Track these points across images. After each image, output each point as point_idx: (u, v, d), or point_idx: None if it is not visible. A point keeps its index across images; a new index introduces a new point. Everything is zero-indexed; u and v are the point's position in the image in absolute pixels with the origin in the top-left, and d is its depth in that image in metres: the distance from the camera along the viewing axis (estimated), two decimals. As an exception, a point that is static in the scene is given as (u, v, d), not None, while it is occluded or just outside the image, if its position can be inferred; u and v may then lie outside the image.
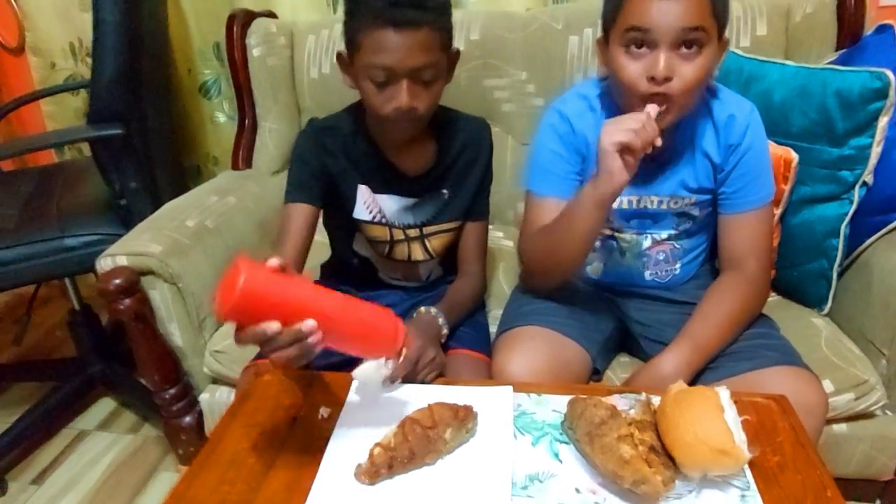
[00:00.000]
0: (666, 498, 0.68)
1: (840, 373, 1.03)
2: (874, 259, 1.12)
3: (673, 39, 0.85)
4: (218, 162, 1.96)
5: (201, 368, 1.22)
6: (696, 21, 0.84)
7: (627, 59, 0.89)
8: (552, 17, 1.45)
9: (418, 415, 0.76)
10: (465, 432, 0.76)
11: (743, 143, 0.98)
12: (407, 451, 0.72)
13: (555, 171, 1.03)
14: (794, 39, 1.37)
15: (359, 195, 1.05)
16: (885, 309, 1.07)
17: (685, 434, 0.67)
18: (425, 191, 1.07)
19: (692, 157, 1.00)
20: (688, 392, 0.72)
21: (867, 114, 1.06)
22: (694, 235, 1.08)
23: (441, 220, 1.09)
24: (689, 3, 0.84)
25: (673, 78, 0.86)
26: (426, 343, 0.90)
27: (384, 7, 0.86)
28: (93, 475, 1.52)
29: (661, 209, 1.04)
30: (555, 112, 1.05)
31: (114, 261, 1.12)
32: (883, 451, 1.09)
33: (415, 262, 1.12)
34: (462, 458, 0.75)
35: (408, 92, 0.90)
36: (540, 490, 0.71)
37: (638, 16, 0.86)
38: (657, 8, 0.84)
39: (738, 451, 0.66)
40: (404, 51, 0.87)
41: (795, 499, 0.68)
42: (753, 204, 1.00)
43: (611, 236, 1.08)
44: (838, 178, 1.12)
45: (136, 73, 1.29)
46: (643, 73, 0.87)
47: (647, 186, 1.02)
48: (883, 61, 1.12)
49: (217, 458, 0.78)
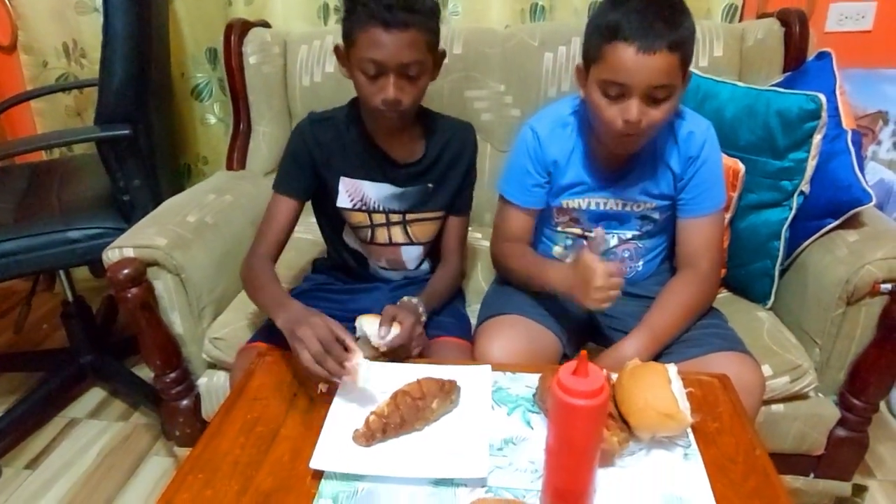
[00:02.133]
0: (621, 455, 0.79)
1: (778, 358, 1.15)
2: (809, 259, 1.25)
3: (644, 93, 0.96)
4: (208, 161, 2.03)
5: (199, 354, 1.29)
6: (664, 80, 0.96)
7: (605, 102, 0.99)
8: (529, 35, 1.56)
9: (408, 387, 0.86)
10: (449, 403, 0.87)
11: (700, 156, 1.11)
12: (398, 419, 0.83)
13: (522, 183, 1.17)
14: (747, 61, 1.51)
15: (341, 185, 1.16)
16: (818, 303, 1.19)
17: (637, 401, 0.78)
18: (411, 181, 1.17)
19: (655, 167, 1.12)
20: (641, 367, 0.84)
21: (804, 131, 1.18)
22: (654, 236, 1.20)
23: (424, 210, 1.19)
24: (659, 64, 0.94)
25: (643, 119, 0.98)
26: (416, 321, 1.02)
27: (378, 8, 0.96)
28: (85, 460, 1.57)
29: (626, 211, 1.16)
30: (529, 129, 1.16)
31: (121, 252, 1.19)
32: (815, 428, 1.22)
33: (396, 245, 1.22)
34: (448, 426, 0.86)
35: (395, 85, 1.00)
36: (514, 451, 0.82)
37: (614, 72, 0.96)
38: (632, 68, 0.94)
39: (682, 415, 0.78)
40: (394, 48, 0.98)
41: (729, 456, 0.80)
42: (707, 210, 1.13)
43: (581, 235, 1.20)
44: (779, 187, 1.24)
45: (143, 79, 1.36)
46: (618, 116, 0.98)
47: (615, 192, 1.14)
48: (822, 84, 1.25)
49: (228, 427, 0.87)
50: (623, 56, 0.94)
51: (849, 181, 1.21)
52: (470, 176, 1.22)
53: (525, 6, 1.73)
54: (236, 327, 1.25)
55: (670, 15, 0.95)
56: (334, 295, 1.23)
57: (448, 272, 1.23)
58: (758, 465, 0.79)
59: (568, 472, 0.71)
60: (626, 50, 0.94)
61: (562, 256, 1.23)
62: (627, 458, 0.79)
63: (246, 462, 0.81)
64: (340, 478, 0.78)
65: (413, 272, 1.27)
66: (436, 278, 1.21)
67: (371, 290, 1.24)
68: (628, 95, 0.96)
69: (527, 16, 1.74)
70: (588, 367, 0.66)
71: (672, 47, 0.94)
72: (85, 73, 1.94)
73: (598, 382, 0.65)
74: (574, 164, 1.14)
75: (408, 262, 1.25)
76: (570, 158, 1.14)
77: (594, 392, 0.65)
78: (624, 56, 0.94)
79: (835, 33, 1.70)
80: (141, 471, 1.54)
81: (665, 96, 0.97)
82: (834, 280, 1.16)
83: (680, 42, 0.95)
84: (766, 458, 0.80)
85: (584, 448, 0.69)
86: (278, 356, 1.01)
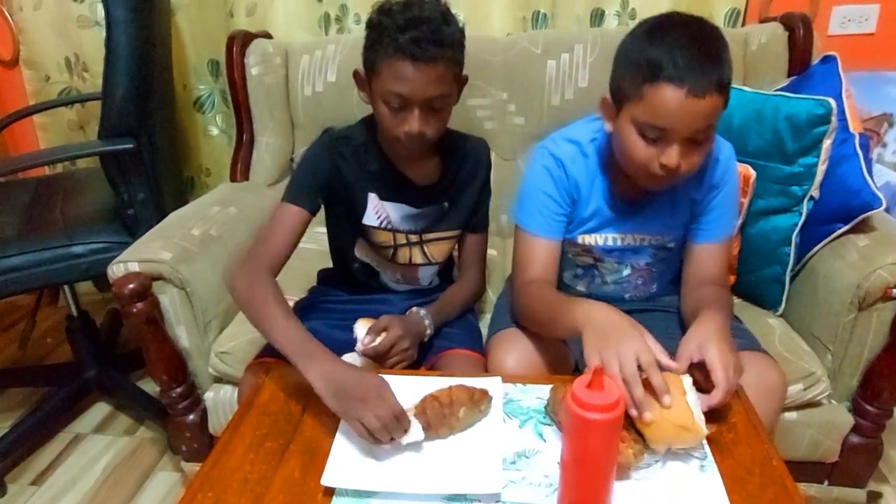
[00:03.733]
0: (637, 468, 0.78)
1: (791, 366, 1.14)
2: (819, 265, 1.24)
3: (686, 137, 0.89)
4: (210, 173, 2.03)
5: (206, 369, 1.28)
6: (709, 122, 0.88)
7: (640, 142, 0.91)
8: (531, 42, 1.55)
9: (438, 393, 0.85)
10: (478, 412, 0.86)
11: (721, 183, 1.05)
12: (424, 422, 0.82)
13: (545, 213, 1.07)
14: (751, 66, 1.51)
15: (369, 202, 1.12)
16: (829, 309, 1.18)
17: (652, 413, 0.77)
18: (428, 201, 1.15)
19: (675, 200, 1.06)
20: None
21: (813, 136, 1.18)
22: (669, 260, 1.15)
23: (439, 229, 1.17)
24: (707, 108, 0.86)
25: (682, 163, 0.90)
26: (405, 335, 1.01)
27: (406, 43, 0.92)
28: (91, 476, 1.56)
29: (642, 245, 1.10)
30: (549, 154, 1.07)
31: (126, 267, 1.18)
32: (828, 435, 1.20)
33: (415, 265, 1.20)
34: (460, 440, 0.85)
35: (419, 119, 0.97)
36: (527, 465, 0.81)
37: (656, 115, 0.87)
38: (678, 112, 0.86)
39: (698, 427, 0.77)
40: (421, 83, 0.94)
41: (746, 467, 0.79)
42: (720, 236, 1.07)
43: (593, 265, 1.15)
44: (789, 193, 1.23)
45: (146, 92, 1.36)
46: (654, 159, 0.90)
47: (633, 227, 1.08)
48: (827, 88, 1.24)
49: (237, 444, 0.85)
50: (669, 99, 0.85)
51: (858, 185, 1.20)
52: (485, 193, 1.20)
53: (527, 14, 1.73)
54: (242, 340, 1.24)
55: (716, 51, 0.86)
56: (341, 305, 1.22)
57: (465, 287, 1.21)
58: (775, 476, 0.78)
59: (584, 487, 0.70)
60: (674, 93, 0.85)
61: (573, 285, 1.19)
62: (643, 471, 0.78)
63: (256, 479, 0.80)
64: (352, 494, 0.77)
65: (425, 287, 1.26)
66: (451, 291, 1.20)
67: (380, 301, 1.22)
68: (668, 140, 0.89)
69: (528, 24, 1.74)
70: (603, 381, 0.65)
71: (720, 88, 0.86)
72: (87, 87, 1.95)
73: (614, 396, 0.64)
74: (595, 196, 1.07)
75: (423, 279, 1.24)
76: (591, 189, 1.07)
77: (610, 406, 0.64)
78: (670, 99, 0.85)
79: (838, 36, 1.70)
80: (147, 486, 1.53)
81: (705, 138, 0.91)
82: (845, 285, 1.14)
83: (727, 80, 0.87)
84: (783, 468, 0.79)
85: (600, 462, 0.68)
86: (286, 371, 1.00)
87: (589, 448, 0.67)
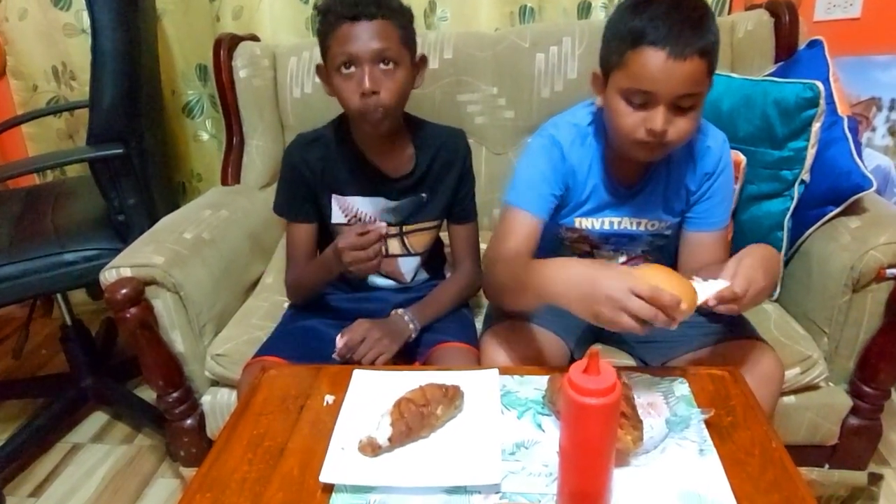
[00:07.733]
0: (636, 454, 0.78)
1: (787, 350, 1.14)
2: (813, 248, 1.24)
3: (671, 101, 0.90)
4: (202, 178, 2.02)
5: (202, 372, 1.27)
6: (693, 88, 0.90)
7: (627, 109, 0.93)
8: (519, 36, 1.55)
9: (411, 394, 0.84)
10: (454, 408, 0.86)
11: (716, 172, 1.07)
12: (404, 427, 0.81)
13: (537, 189, 1.06)
14: (738, 52, 1.51)
15: (334, 202, 1.16)
16: (824, 292, 1.18)
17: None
18: (405, 193, 1.16)
19: (670, 185, 1.08)
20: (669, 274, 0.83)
21: (802, 120, 1.18)
22: (665, 249, 1.17)
23: (419, 220, 1.19)
24: (689, 71, 0.88)
25: (668, 130, 0.92)
26: (373, 327, 1.04)
27: (345, 7, 1.00)
28: (90, 485, 1.55)
29: (639, 230, 1.12)
30: (548, 136, 1.08)
31: (118, 272, 1.17)
32: (827, 418, 1.20)
33: (393, 257, 1.21)
34: (458, 432, 0.84)
35: (370, 75, 1.00)
36: (526, 455, 0.81)
37: (639, 79, 0.90)
38: (660, 74, 0.88)
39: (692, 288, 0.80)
40: (364, 37, 1.00)
41: (745, 450, 0.79)
42: (715, 225, 1.09)
43: (588, 252, 1.16)
44: (780, 177, 1.24)
45: (134, 97, 1.35)
46: (641, 124, 0.92)
47: (630, 211, 1.10)
48: (815, 72, 1.25)
49: (234, 444, 0.85)
50: (651, 62, 0.88)
51: (848, 167, 1.20)
52: (465, 182, 1.21)
53: (514, 8, 1.72)
54: (238, 343, 1.24)
55: (698, 19, 0.89)
56: (335, 304, 1.22)
57: (458, 280, 1.22)
58: (775, 458, 0.78)
59: (583, 474, 0.70)
60: (654, 55, 0.88)
61: None
62: (642, 457, 0.78)
63: (255, 478, 0.79)
64: (351, 490, 0.76)
65: (410, 283, 1.26)
66: (440, 287, 1.20)
67: (373, 299, 1.22)
68: (654, 104, 0.91)
69: (516, 18, 1.73)
70: (599, 365, 0.65)
71: (702, 53, 0.88)
72: (75, 96, 1.93)
73: (611, 380, 0.64)
74: (592, 178, 1.08)
75: (406, 273, 1.24)
76: (588, 172, 1.08)
77: (607, 390, 0.64)
78: (652, 62, 0.88)
79: (824, 22, 1.70)
80: (147, 493, 1.52)
81: (691, 105, 0.92)
82: (838, 267, 1.15)
83: (710, 48, 0.90)
84: (782, 450, 0.79)
85: (598, 448, 0.68)
86: (283, 370, 1.00)
87: (587, 434, 0.67)
